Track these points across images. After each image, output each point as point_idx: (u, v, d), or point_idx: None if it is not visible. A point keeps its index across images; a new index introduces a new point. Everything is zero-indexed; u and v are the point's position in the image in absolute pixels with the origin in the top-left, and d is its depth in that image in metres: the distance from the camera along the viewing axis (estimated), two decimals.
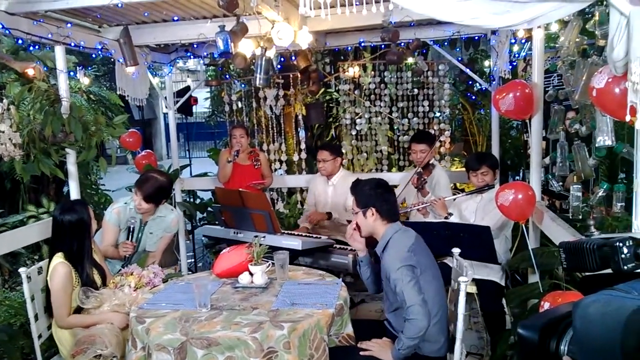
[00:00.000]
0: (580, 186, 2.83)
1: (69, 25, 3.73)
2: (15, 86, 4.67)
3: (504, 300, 3.47)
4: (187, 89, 6.07)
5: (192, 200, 6.31)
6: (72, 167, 3.93)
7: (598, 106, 2.01)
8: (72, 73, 4.14)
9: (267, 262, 2.91)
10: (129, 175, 6.07)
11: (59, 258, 2.89)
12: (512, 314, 3.40)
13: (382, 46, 5.19)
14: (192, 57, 5.33)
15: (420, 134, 4.59)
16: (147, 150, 5.40)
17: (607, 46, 1.91)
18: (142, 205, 3.46)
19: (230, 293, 2.78)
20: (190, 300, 2.61)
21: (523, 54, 4.20)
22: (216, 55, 4.81)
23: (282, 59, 5.31)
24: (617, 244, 1.02)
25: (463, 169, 5.64)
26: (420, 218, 3.95)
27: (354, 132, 5.90)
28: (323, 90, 6.01)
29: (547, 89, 3.69)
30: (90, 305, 2.86)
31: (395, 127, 5.97)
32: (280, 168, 5.87)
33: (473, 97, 6.00)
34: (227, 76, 6.09)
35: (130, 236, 3.53)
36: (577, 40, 2.71)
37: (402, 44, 4.58)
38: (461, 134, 6.50)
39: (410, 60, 5.06)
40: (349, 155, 5.94)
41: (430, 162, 4.28)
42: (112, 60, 4.53)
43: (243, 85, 6.01)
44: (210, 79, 5.30)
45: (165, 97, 5.54)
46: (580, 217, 2.80)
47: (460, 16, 1.85)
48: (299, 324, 2.34)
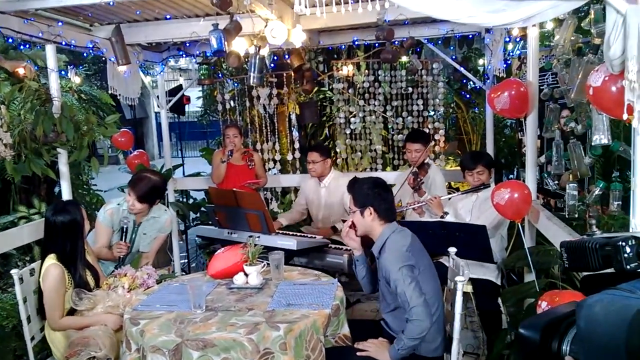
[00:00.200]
0: (576, 185, 2.83)
1: (60, 23, 3.69)
2: (5, 85, 4.61)
3: (499, 299, 3.47)
4: (179, 87, 6.02)
5: (185, 200, 6.27)
6: (63, 167, 3.89)
7: (595, 104, 2.00)
8: (63, 72, 4.10)
9: (262, 262, 2.89)
10: (121, 175, 6.03)
11: (51, 259, 2.86)
12: (508, 313, 3.39)
13: (376, 45, 5.18)
14: (184, 55, 5.29)
15: (414, 133, 4.56)
16: (140, 150, 5.36)
17: (603, 44, 1.91)
18: (135, 206, 3.43)
19: (225, 294, 2.76)
20: (185, 302, 2.59)
21: (517, 52, 4.20)
22: (209, 54, 4.78)
23: (275, 58, 5.28)
24: (620, 243, 1.02)
25: (457, 167, 5.65)
26: (416, 217, 3.94)
27: (348, 131, 5.88)
28: (316, 89, 5.98)
29: (542, 88, 3.69)
30: (83, 306, 2.83)
31: (389, 126, 5.96)
32: (274, 167, 5.84)
33: (467, 95, 6.00)
34: (220, 75, 6.05)
35: (123, 237, 3.50)
36: (572, 38, 2.71)
37: (396, 43, 4.56)
38: (455, 132, 6.49)
39: (404, 58, 5.05)
40: (343, 154, 5.92)
41: (425, 161, 4.27)
42: (103, 59, 4.49)
43: (236, 84, 5.98)
44: (203, 77, 5.26)
45: (158, 96, 5.50)
46: (577, 215, 2.80)
47: (456, 14, 1.84)
48: (295, 325, 2.32)
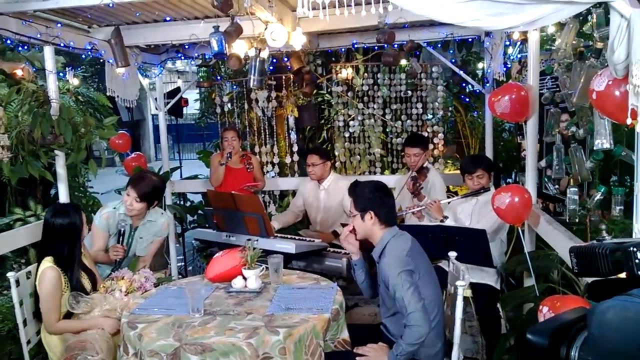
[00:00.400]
0: (577, 189, 2.82)
1: (58, 25, 3.67)
2: (2, 87, 4.59)
3: (498, 304, 3.46)
4: (177, 90, 6.01)
5: (182, 202, 6.24)
6: (61, 169, 3.86)
7: (598, 109, 2.00)
8: (61, 74, 4.08)
9: (261, 266, 2.86)
10: (118, 178, 6.00)
11: (48, 262, 2.83)
12: (507, 318, 3.39)
13: (375, 47, 5.18)
14: (182, 58, 5.28)
15: (413, 138, 4.55)
16: (137, 152, 5.34)
17: (606, 49, 1.90)
18: (134, 205, 3.40)
19: (223, 298, 2.74)
20: (183, 305, 2.57)
21: (518, 55, 4.20)
22: (208, 56, 4.77)
23: (274, 60, 5.27)
24: (631, 249, 1.00)
25: (456, 171, 5.65)
26: (416, 222, 3.92)
27: (347, 135, 5.88)
28: (315, 92, 5.98)
29: (541, 92, 3.69)
30: (80, 310, 2.80)
31: (388, 130, 5.95)
32: (272, 170, 5.83)
33: (467, 99, 6.00)
34: (219, 77, 6.04)
35: (120, 240, 3.48)
36: (574, 42, 2.70)
37: (396, 46, 4.56)
38: (453, 136, 6.49)
39: (403, 62, 5.05)
40: (342, 157, 5.91)
41: (424, 165, 4.25)
42: (101, 60, 4.47)
43: (234, 87, 5.96)
44: (202, 80, 5.25)
45: (156, 99, 5.48)
46: (577, 220, 2.80)
47: (460, 18, 1.83)
48: (295, 329, 2.30)
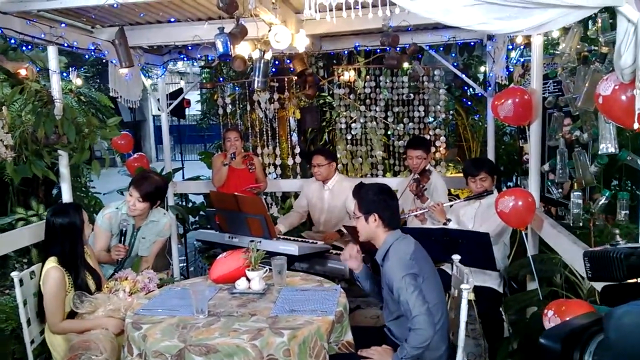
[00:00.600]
0: (580, 193, 2.83)
1: (62, 25, 3.68)
2: (4, 86, 4.58)
3: (501, 307, 3.46)
4: (179, 91, 6.01)
5: (184, 203, 6.24)
6: (64, 169, 3.87)
7: (604, 113, 2.00)
8: (64, 74, 4.08)
9: (265, 267, 2.86)
10: (119, 178, 5.99)
11: (52, 262, 2.84)
12: (510, 321, 3.38)
13: (378, 50, 5.19)
14: (185, 59, 5.29)
15: (415, 140, 4.55)
16: (139, 153, 5.33)
17: (612, 53, 1.91)
18: (136, 205, 3.40)
19: (227, 299, 2.74)
20: (187, 306, 2.57)
21: (522, 59, 4.21)
22: (211, 58, 4.77)
23: (276, 62, 5.28)
24: None
25: (458, 174, 5.65)
26: (418, 224, 3.93)
27: (349, 137, 5.88)
28: (317, 94, 5.98)
29: (544, 95, 3.69)
30: (84, 310, 2.80)
31: (389, 132, 5.96)
32: (274, 172, 5.84)
33: (469, 102, 6.01)
34: (221, 79, 6.04)
35: (122, 239, 3.48)
36: (578, 47, 2.71)
37: (398, 49, 4.57)
38: (455, 139, 6.50)
39: (405, 65, 5.06)
40: (344, 160, 5.91)
41: (427, 168, 4.26)
42: (104, 61, 4.47)
43: (236, 88, 5.97)
44: (205, 81, 5.25)
45: (159, 99, 5.48)
46: (581, 224, 2.80)
47: (468, 21, 1.83)
48: (299, 331, 2.30)
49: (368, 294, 2.92)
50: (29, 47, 3.74)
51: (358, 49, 4.96)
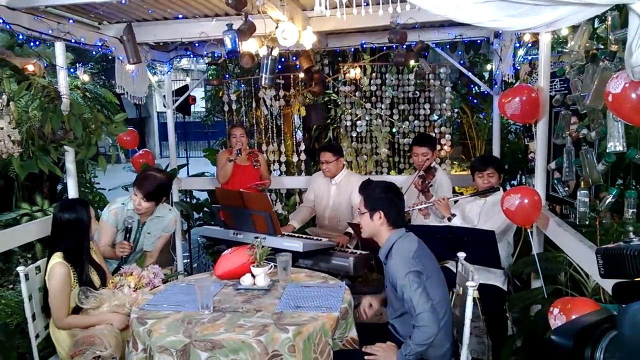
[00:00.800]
0: (587, 192, 2.82)
1: (70, 21, 3.68)
2: (11, 82, 4.59)
3: (505, 305, 3.45)
4: (185, 87, 6.01)
5: (188, 200, 6.25)
6: (70, 165, 3.88)
7: (613, 111, 1.99)
8: (71, 70, 4.08)
9: (269, 264, 2.87)
10: (125, 174, 6.01)
11: (57, 258, 2.84)
12: (513, 319, 3.38)
13: (384, 48, 5.18)
14: (191, 56, 5.29)
15: (421, 137, 4.55)
16: (144, 149, 5.34)
17: (623, 51, 1.90)
18: (142, 205, 3.41)
19: (232, 295, 2.74)
20: (192, 302, 2.57)
21: (529, 57, 4.19)
22: (217, 54, 4.77)
23: (282, 59, 5.28)
24: None
25: (462, 172, 5.65)
26: (421, 219, 3.92)
27: (354, 134, 5.88)
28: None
29: (550, 94, 3.68)
30: (89, 305, 2.81)
31: (394, 130, 5.95)
32: (278, 169, 5.84)
33: (475, 100, 5.99)
34: (227, 76, 6.05)
35: (127, 236, 3.48)
36: (587, 45, 2.70)
37: (404, 47, 4.57)
38: (459, 137, 6.48)
39: (411, 62, 5.05)
40: (348, 157, 5.91)
41: (432, 165, 4.25)
42: (110, 57, 4.48)
43: (242, 85, 5.97)
44: (211, 78, 5.25)
45: (164, 96, 5.49)
46: (587, 222, 2.79)
47: (478, 18, 1.82)
48: (304, 327, 2.31)
49: (372, 291, 2.93)
50: (37, 42, 3.75)
51: (364, 46, 4.95)
